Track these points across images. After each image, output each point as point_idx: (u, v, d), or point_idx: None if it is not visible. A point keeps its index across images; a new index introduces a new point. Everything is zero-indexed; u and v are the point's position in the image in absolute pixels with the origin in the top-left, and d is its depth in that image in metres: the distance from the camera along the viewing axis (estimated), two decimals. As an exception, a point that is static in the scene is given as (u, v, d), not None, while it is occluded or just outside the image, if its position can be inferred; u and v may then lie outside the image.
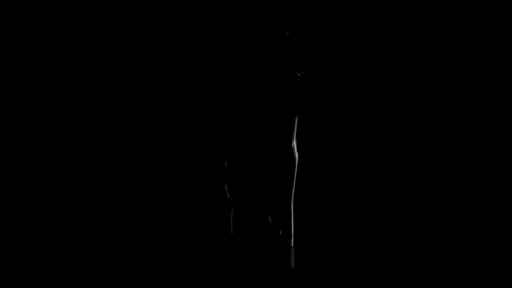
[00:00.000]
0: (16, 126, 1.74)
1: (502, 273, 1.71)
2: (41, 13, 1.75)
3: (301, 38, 1.60)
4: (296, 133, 1.57)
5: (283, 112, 1.57)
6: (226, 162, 1.58)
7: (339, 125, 1.78)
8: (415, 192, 1.76)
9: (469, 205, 1.76)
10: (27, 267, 1.70)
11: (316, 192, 1.76)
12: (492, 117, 1.77)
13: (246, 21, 1.63)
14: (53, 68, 1.76)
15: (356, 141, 1.78)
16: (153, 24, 1.76)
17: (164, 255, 1.72)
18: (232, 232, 1.55)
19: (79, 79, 1.76)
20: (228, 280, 1.55)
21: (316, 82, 1.75)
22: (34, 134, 1.75)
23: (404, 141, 1.78)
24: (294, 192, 1.58)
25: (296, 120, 1.57)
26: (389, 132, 1.78)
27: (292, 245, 1.56)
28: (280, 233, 1.55)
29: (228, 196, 1.57)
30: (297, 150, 1.58)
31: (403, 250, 1.75)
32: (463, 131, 1.77)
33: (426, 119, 1.77)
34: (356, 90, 1.79)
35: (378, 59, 1.78)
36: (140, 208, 1.75)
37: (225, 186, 1.58)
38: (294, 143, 1.57)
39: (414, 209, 1.76)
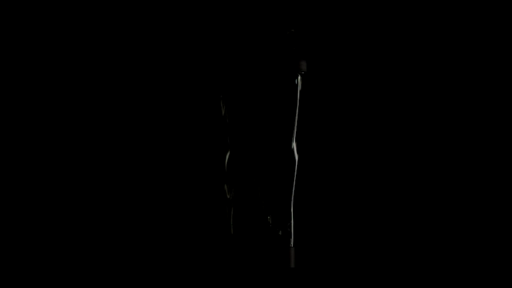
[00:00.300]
0: (16, 127, 1.74)
1: (502, 273, 1.71)
2: (40, 13, 1.75)
3: (302, 37, 1.61)
4: (296, 134, 1.58)
5: (283, 113, 1.57)
6: (226, 162, 1.59)
7: (338, 126, 1.78)
8: (413, 192, 1.77)
9: (464, 204, 1.76)
10: (27, 267, 1.70)
11: (316, 192, 1.76)
12: (492, 118, 1.77)
13: (246, 20, 1.63)
14: (53, 68, 1.76)
15: (356, 142, 1.78)
16: (153, 22, 1.77)
17: (164, 255, 1.73)
18: (232, 232, 1.55)
19: (75, 75, 1.77)
20: (228, 280, 1.55)
21: (316, 83, 1.76)
22: (33, 135, 1.75)
23: (403, 142, 1.78)
24: (294, 192, 1.58)
25: (296, 121, 1.58)
26: (388, 133, 1.78)
27: (292, 245, 1.56)
28: (280, 233, 1.55)
29: (228, 196, 1.57)
30: (297, 151, 1.58)
31: (402, 249, 1.75)
32: (459, 132, 1.78)
33: (425, 121, 1.78)
34: (355, 91, 1.79)
35: (379, 60, 1.78)
36: (140, 208, 1.75)
37: (225, 186, 1.59)
38: (294, 144, 1.58)
39: (412, 209, 1.77)
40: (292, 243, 1.56)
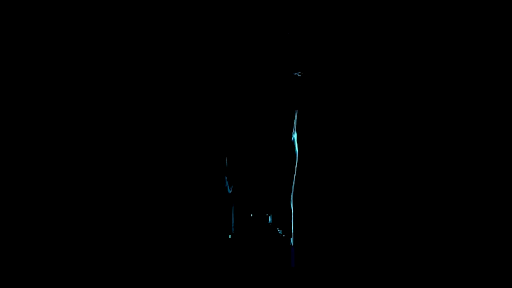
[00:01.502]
0: (16, 126, 1.75)
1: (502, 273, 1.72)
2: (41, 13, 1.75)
3: (300, 38, 1.61)
4: (295, 134, 1.58)
5: (283, 111, 1.57)
6: (226, 160, 1.59)
7: (337, 123, 1.78)
8: (413, 191, 1.77)
9: (456, 200, 1.76)
10: (27, 267, 1.71)
11: (316, 190, 1.77)
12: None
13: (248, 22, 1.63)
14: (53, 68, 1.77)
15: (355, 138, 1.79)
16: (154, 24, 1.77)
17: (165, 254, 1.73)
18: (232, 231, 1.55)
19: (77, 75, 1.77)
20: (228, 279, 1.55)
21: (316, 81, 1.76)
22: (34, 134, 1.75)
23: (400, 140, 1.78)
24: (294, 189, 1.58)
25: (296, 119, 1.58)
26: (386, 131, 1.78)
27: (292, 244, 1.56)
28: (280, 232, 1.55)
29: (229, 193, 1.58)
30: (297, 150, 1.58)
31: (400, 249, 1.75)
32: (457, 133, 1.78)
33: (422, 122, 1.78)
34: (353, 88, 1.79)
35: (375, 60, 1.79)
36: (141, 207, 1.75)
37: (226, 184, 1.59)
38: (293, 142, 1.58)
39: (412, 208, 1.77)
40: (292, 242, 1.56)
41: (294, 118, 1.57)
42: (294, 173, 1.58)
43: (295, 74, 1.55)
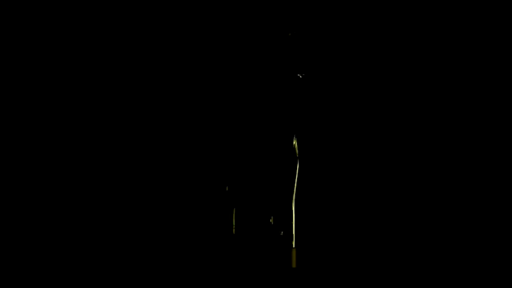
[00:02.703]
0: (16, 126, 1.75)
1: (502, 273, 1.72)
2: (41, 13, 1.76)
3: (302, 39, 1.61)
4: (297, 133, 1.58)
5: (284, 112, 1.57)
6: (227, 163, 1.59)
7: (339, 126, 1.79)
8: (415, 192, 1.77)
9: (464, 205, 1.76)
10: (27, 267, 1.71)
11: (318, 192, 1.77)
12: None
13: (249, 23, 1.64)
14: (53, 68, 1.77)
15: (357, 141, 1.79)
16: (155, 24, 1.77)
17: (166, 254, 1.73)
18: (234, 233, 1.56)
19: (81, 77, 1.77)
20: (229, 279, 1.55)
21: (317, 82, 1.76)
22: (34, 134, 1.75)
23: (404, 141, 1.78)
24: (296, 192, 1.59)
25: (297, 122, 1.58)
26: (389, 133, 1.79)
27: (294, 246, 1.57)
28: (282, 233, 1.56)
29: (230, 196, 1.58)
30: (298, 150, 1.59)
31: (402, 249, 1.75)
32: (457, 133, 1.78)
33: (426, 122, 1.78)
34: (356, 91, 1.79)
35: (378, 60, 1.79)
36: (143, 208, 1.75)
37: (227, 186, 1.59)
38: (295, 143, 1.58)
39: (413, 209, 1.77)
40: (293, 243, 1.56)
41: (295, 119, 1.58)
42: (295, 174, 1.59)
43: (298, 75, 1.56)
